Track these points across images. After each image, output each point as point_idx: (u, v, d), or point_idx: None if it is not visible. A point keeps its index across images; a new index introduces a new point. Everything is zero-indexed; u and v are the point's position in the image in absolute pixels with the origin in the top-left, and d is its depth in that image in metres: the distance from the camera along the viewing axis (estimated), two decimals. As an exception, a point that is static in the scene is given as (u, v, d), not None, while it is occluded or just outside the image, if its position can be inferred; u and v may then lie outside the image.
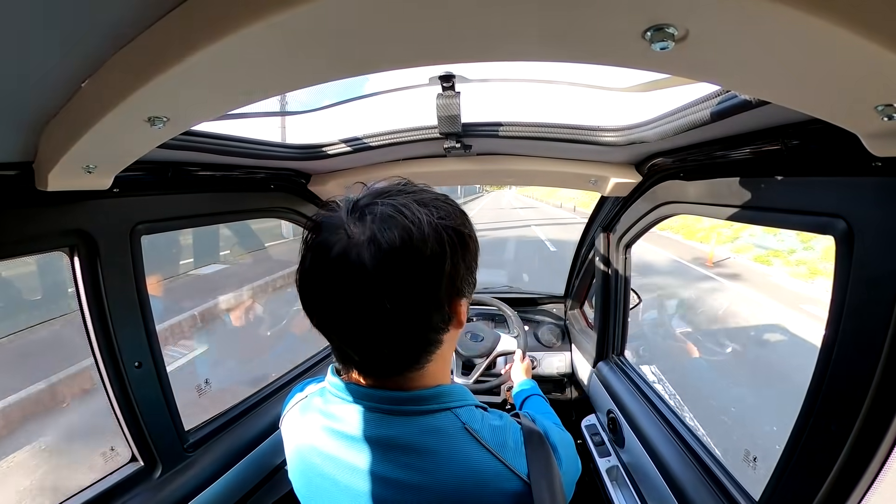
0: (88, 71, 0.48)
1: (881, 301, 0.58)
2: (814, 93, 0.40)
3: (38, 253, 0.87)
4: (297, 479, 0.60)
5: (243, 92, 0.50)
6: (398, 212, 0.46)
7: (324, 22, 0.35)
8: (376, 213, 0.46)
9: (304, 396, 0.63)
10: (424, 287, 0.46)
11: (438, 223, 0.47)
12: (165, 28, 0.40)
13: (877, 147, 0.49)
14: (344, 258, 0.44)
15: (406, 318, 0.47)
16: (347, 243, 0.44)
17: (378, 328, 0.46)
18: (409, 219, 0.45)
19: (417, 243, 0.45)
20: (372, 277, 0.43)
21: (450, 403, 0.54)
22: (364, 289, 0.44)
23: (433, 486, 0.49)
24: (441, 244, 0.46)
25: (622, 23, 0.32)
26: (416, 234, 0.45)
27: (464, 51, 0.41)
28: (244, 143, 1.09)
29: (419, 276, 0.45)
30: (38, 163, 0.71)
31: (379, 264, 0.43)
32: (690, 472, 1.08)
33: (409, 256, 0.44)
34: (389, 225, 0.45)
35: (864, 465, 0.62)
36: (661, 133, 0.94)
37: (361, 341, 0.48)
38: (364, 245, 0.44)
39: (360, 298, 0.44)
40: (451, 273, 0.48)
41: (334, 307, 0.46)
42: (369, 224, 0.45)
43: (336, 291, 0.45)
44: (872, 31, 0.29)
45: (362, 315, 0.45)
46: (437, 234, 0.46)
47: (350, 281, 0.44)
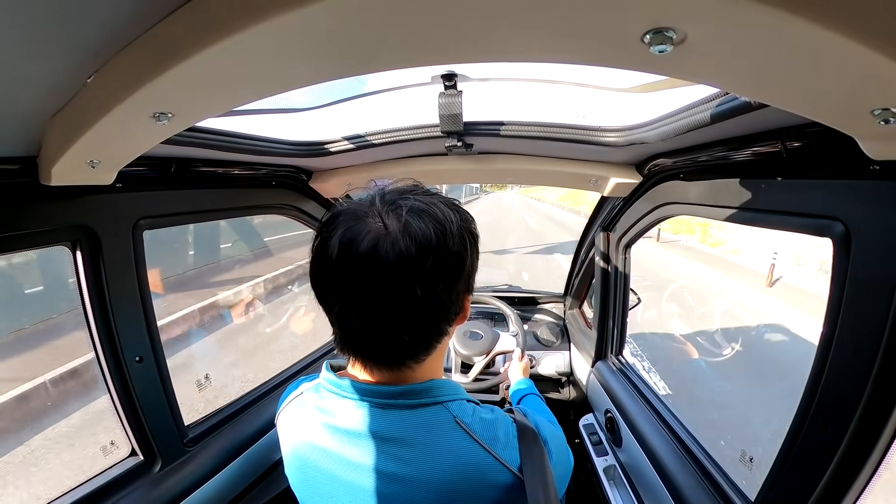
0: (94, 67, 0.49)
1: (877, 303, 0.59)
2: (811, 96, 0.41)
3: (40, 247, 0.88)
4: (294, 475, 0.61)
5: (248, 89, 0.51)
6: (430, 209, 0.49)
7: (328, 21, 0.35)
8: (409, 207, 0.49)
9: (299, 393, 0.64)
10: (449, 280, 0.50)
11: (461, 224, 0.52)
12: (172, 25, 0.41)
13: (874, 150, 0.50)
14: (378, 247, 0.46)
15: (430, 307, 0.49)
16: (380, 233, 0.46)
17: (402, 314, 0.48)
18: (441, 216, 0.49)
19: (448, 239, 0.49)
20: (405, 266, 0.46)
21: (441, 397, 0.56)
22: (396, 276, 0.46)
23: (424, 479, 0.51)
24: (464, 243, 0.51)
25: (621, 26, 0.32)
26: (447, 230, 0.49)
27: (466, 51, 0.41)
28: (247, 139, 1.09)
29: (447, 270, 0.49)
30: (42, 157, 0.71)
31: (413, 254, 0.46)
32: (687, 472, 1.08)
33: (440, 250, 0.48)
34: (424, 219, 0.48)
35: (859, 467, 0.62)
36: (661, 134, 0.94)
37: (380, 328, 0.50)
38: (399, 235, 0.46)
39: (391, 285, 0.46)
40: (469, 270, 0.53)
41: (361, 294, 0.47)
42: (404, 216, 0.48)
43: (367, 279, 0.46)
44: (869, 36, 0.29)
45: (390, 302, 0.47)
46: (461, 233, 0.51)
47: (383, 269, 0.46)
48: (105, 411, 3.16)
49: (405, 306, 0.48)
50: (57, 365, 3.59)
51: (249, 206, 1.37)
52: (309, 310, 4.67)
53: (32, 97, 0.54)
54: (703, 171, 1.02)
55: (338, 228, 0.48)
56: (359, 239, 0.46)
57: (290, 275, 6.85)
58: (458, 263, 0.50)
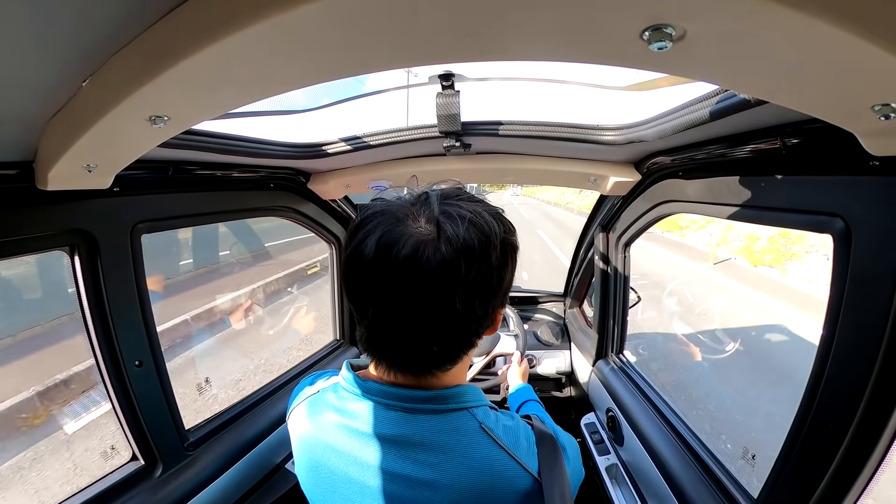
0: (89, 70, 0.48)
1: (878, 300, 0.58)
2: (811, 92, 0.40)
3: (38, 252, 0.88)
4: (306, 475, 0.60)
5: (244, 91, 0.50)
6: (475, 217, 0.47)
7: (324, 21, 0.35)
8: (455, 214, 0.46)
9: (315, 391, 0.62)
10: (487, 294, 0.48)
11: (504, 236, 0.49)
12: (167, 27, 0.40)
13: (874, 146, 0.50)
14: (419, 253, 0.44)
15: (464, 319, 0.48)
16: (422, 238, 0.44)
17: (435, 324, 0.47)
18: (486, 227, 0.47)
19: (490, 250, 0.47)
20: (446, 275, 0.44)
21: (466, 403, 0.55)
22: (436, 285, 0.44)
23: (450, 483, 0.50)
24: (505, 256, 0.49)
25: (620, 23, 0.32)
26: (491, 241, 0.47)
27: (463, 51, 0.41)
28: (244, 141, 1.09)
29: (486, 283, 0.47)
30: (39, 162, 0.71)
31: (456, 263, 0.44)
32: (689, 470, 1.08)
33: (482, 261, 0.46)
34: (468, 228, 0.46)
35: (861, 463, 0.62)
36: (660, 132, 0.94)
37: (411, 336, 0.48)
38: (442, 243, 0.44)
39: (429, 294, 0.45)
40: (507, 283, 0.51)
41: (396, 301, 0.46)
42: (447, 224, 0.45)
43: (404, 285, 0.44)
44: (869, 32, 0.29)
45: (426, 310, 0.46)
46: (503, 245, 0.49)
47: (423, 276, 0.44)
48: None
49: (440, 316, 0.46)
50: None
51: (247, 208, 1.36)
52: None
53: (28, 101, 0.54)
54: (702, 168, 1.01)
55: (376, 230, 0.46)
56: (400, 243, 0.44)
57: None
58: (499, 277, 0.49)
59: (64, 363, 3.60)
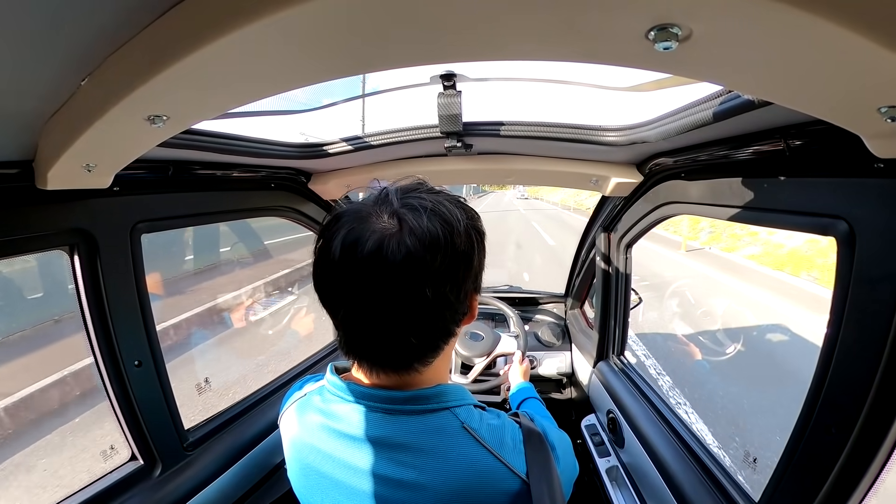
0: (88, 69, 0.48)
1: (882, 303, 0.58)
2: (817, 94, 0.40)
3: (38, 251, 0.87)
4: (296, 478, 0.60)
5: (243, 91, 0.50)
6: (436, 207, 0.48)
7: (324, 20, 0.35)
8: (415, 206, 0.48)
9: (303, 395, 0.63)
10: (457, 280, 0.49)
11: (468, 222, 0.50)
12: (165, 26, 0.40)
13: (879, 148, 0.49)
14: (383, 247, 0.44)
15: (438, 308, 0.48)
16: (385, 233, 0.45)
17: (409, 316, 0.47)
18: (448, 215, 0.48)
19: (455, 237, 0.47)
20: (413, 266, 0.44)
21: (448, 403, 0.55)
22: (404, 277, 0.45)
23: (432, 485, 0.50)
24: (471, 241, 0.50)
25: (625, 22, 0.32)
26: (454, 228, 0.48)
27: (466, 50, 0.40)
28: (244, 141, 1.08)
29: (455, 269, 0.48)
30: (38, 161, 0.70)
31: (421, 253, 0.45)
32: (690, 473, 1.08)
33: (447, 248, 0.47)
34: (430, 218, 0.47)
35: (864, 468, 0.62)
36: (662, 133, 0.93)
37: (386, 331, 0.48)
38: (405, 235, 0.45)
39: (399, 286, 0.45)
40: (476, 269, 0.52)
41: (366, 297, 0.46)
42: (410, 215, 0.47)
43: (372, 281, 0.45)
44: (877, 33, 0.29)
45: (397, 303, 0.46)
46: (468, 231, 0.50)
47: (389, 269, 0.44)
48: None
49: (413, 307, 0.46)
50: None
51: (248, 208, 1.36)
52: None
53: (27, 100, 0.54)
54: (705, 170, 1.01)
55: (340, 230, 0.47)
56: (363, 239, 0.45)
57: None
58: (466, 262, 0.50)
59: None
